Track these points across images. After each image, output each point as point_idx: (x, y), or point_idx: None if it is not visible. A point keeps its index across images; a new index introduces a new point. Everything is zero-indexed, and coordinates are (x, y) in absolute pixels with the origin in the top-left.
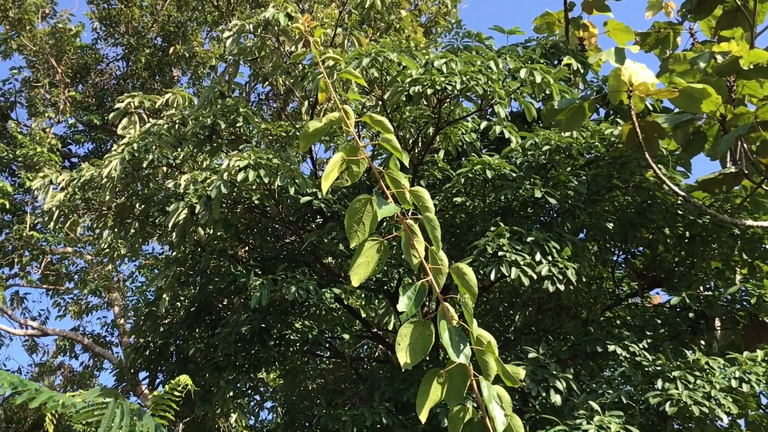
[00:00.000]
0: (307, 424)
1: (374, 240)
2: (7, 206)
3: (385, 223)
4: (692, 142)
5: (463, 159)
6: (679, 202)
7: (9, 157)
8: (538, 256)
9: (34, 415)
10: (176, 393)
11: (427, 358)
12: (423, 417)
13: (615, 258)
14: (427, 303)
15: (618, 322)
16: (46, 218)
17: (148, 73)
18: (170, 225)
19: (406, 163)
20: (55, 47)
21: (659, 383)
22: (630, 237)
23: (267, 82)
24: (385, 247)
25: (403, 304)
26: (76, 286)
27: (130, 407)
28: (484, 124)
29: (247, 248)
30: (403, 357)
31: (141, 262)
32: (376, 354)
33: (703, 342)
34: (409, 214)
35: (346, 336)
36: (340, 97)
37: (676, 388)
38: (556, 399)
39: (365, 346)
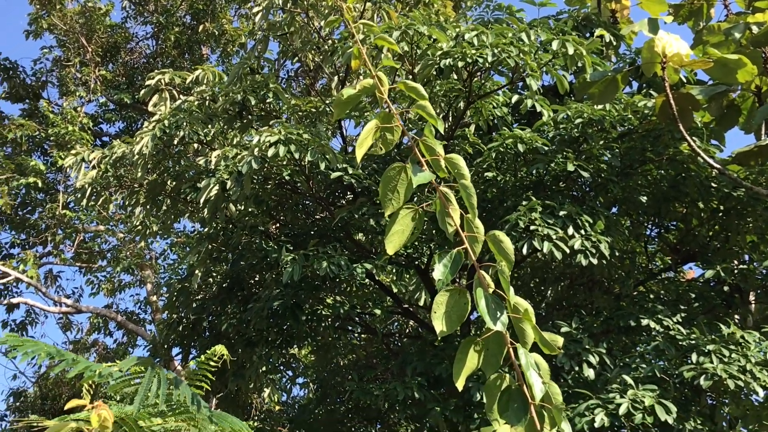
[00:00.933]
0: (339, 399)
1: (409, 208)
2: (40, 185)
3: (418, 193)
4: (726, 115)
5: (493, 133)
6: (713, 175)
7: (41, 136)
8: (570, 230)
9: (69, 391)
10: (212, 363)
11: (458, 332)
12: (460, 385)
13: (648, 232)
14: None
15: (651, 296)
16: (79, 195)
17: (178, 52)
18: (202, 201)
19: (441, 129)
20: (85, 26)
21: (694, 357)
22: (663, 211)
23: (296, 58)
24: (420, 215)
25: (439, 271)
26: (109, 264)
27: (167, 377)
28: (515, 97)
29: (277, 224)
30: (439, 325)
31: (173, 240)
32: (407, 330)
33: (737, 316)
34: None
35: (378, 311)
36: (374, 63)
37: (711, 362)
38: (589, 373)
39: (396, 323)
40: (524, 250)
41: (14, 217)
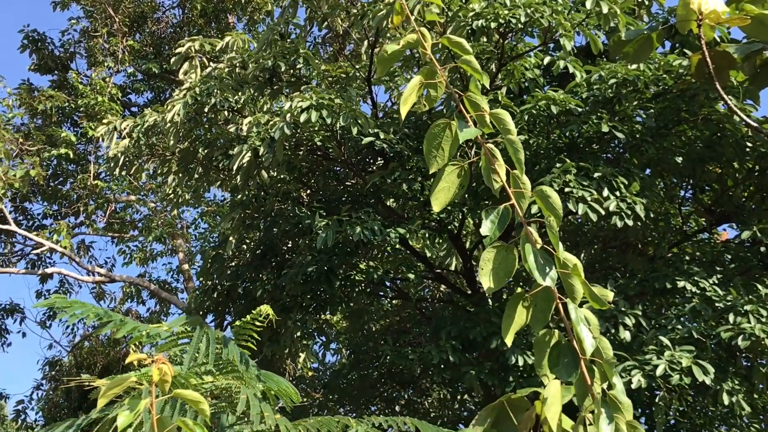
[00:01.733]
0: (372, 364)
1: (455, 165)
2: (71, 156)
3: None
4: (760, 74)
5: (525, 96)
6: (749, 134)
7: (70, 108)
8: (605, 192)
9: (103, 360)
10: (257, 323)
11: (490, 297)
12: (509, 341)
13: (682, 193)
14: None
15: (686, 258)
16: (112, 164)
17: (204, 21)
18: (234, 168)
19: (486, 84)
20: None
21: (731, 317)
22: (698, 172)
23: (325, 24)
24: (466, 171)
25: (486, 228)
26: (141, 233)
27: (215, 336)
28: (547, 59)
29: (309, 191)
30: (487, 281)
31: (203, 209)
32: (438, 295)
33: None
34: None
35: (412, 275)
36: (417, 19)
37: (749, 322)
38: (625, 335)
39: (427, 288)
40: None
41: (46, 189)
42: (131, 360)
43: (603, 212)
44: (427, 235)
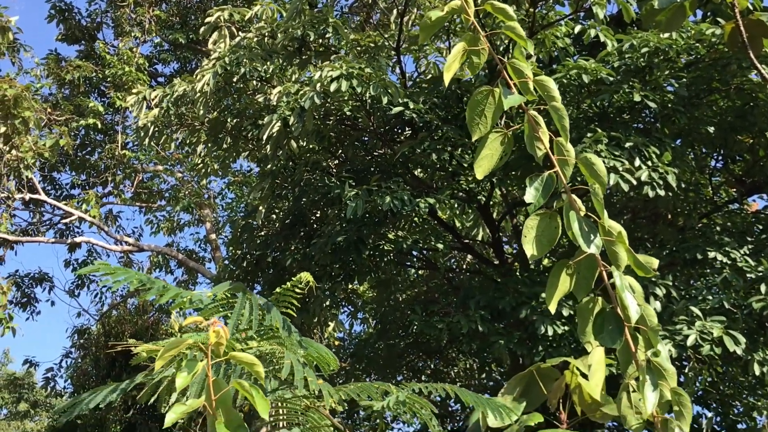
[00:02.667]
0: (399, 333)
1: (498, 132)
2: (99, 126)
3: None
4: None
5: (555, 65)
6: None
7: (98, 78)
8: (637, 162)
9: (131, 329)
10: (297, 290)
11: (517, 266)
12: (552, 308)
13: (713, 164)
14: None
15: (717, 228)
16: (141, 134)
17: None
18: (264, 138)
19: (531, 50)
20: None
21: (763, 288)
22: (730, 142)
23: None
24: (510, 139)
25: (530, 195)
26: (168, 203)
27: (257, 302)
28: (578, 27)
29: (337, 161)
30: (530, 249)
31: (230, 179)
32: (464, 265)
33: None
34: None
35: (440, 245)
36: None
37: None
38: (656, 305)
39: (453, 259)
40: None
41: (74, 159)
42: (188, 323)
43: (635, 182)
44: (456, 205)
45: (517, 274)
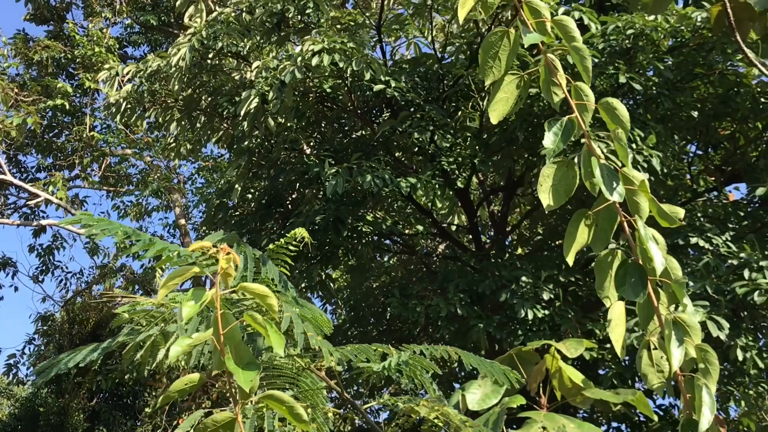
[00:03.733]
0: (374, 320)
1: (514, 74)
2: (67, 107)
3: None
4: (764, 37)
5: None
6: (766, 90)
7: (67, 58)
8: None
9: (96, 316)
10: (291, 247)
11: (491, 251)
12: (570, 260)
13: (692, 150)
14: None
15: (698, 214)
16: (113, 110)
17: None
18: (242, 113)
19: None
20: None
21: (746, 273)
22: (711, 129)
23: None
24: (526, 82)
25: (549, 140)
26: (137, 187)
27: (253, 254)
28: (561, 9)
29: (315, 141)
30: (546, 198)
31: (201, 164)
32: (439, 251)
33: None
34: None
35: (420, 227)
36: None
37: (764, 278)
38: None
39: (428, 245)
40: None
41: (41, 140)
42: (194, 248)
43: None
44: (437, 187)
45: (493, 260)
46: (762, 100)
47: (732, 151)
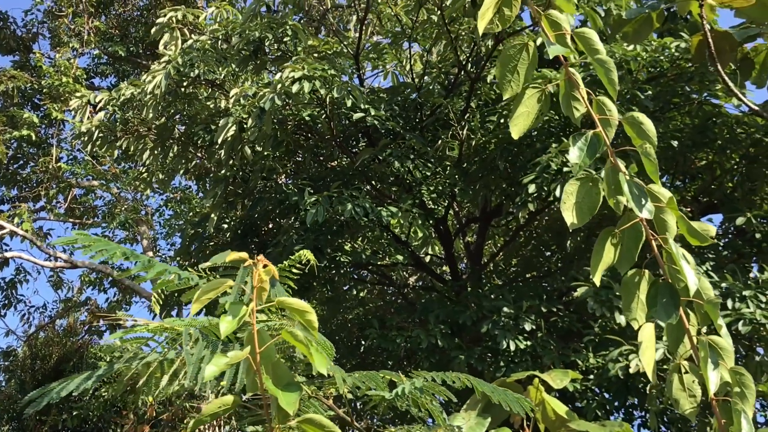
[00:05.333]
0: (351, 353)
1: (536, 87)
2: (33, 138)
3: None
4: (740, 68)
5: None
6: (745, 120)
7: (33, 89)
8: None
9: (59, 351)
10: (294, 270)
11: (469, 285)
12: (597, 280)
13: (670, 183)
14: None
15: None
16: (85, 139)
17: (173, 4)
18: (219, 141)
19: None
20: None
21: (729, 303)
22: (688, 159)
23: (302, 7)
24: (547, 96)
25: (575, 155)
26: (104, 219)
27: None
28: (540, 40)
29: (290, 171)
30: (570, 217)
31: (169, 195)
32: (415, 282)
33: (764, 265)
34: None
35: (400, 257)
36: None
37: (748, 308)
38: (621, 320)
39: (404, 275)
40: (558, 192)
41: (6, 172)
42: (232, 258)
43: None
44: (417, 215)
45: (470, 291)
46: (739, 130)
47: (709, 181)
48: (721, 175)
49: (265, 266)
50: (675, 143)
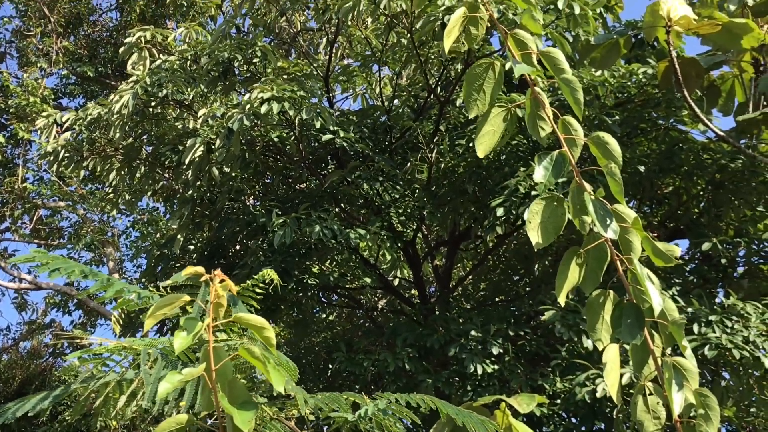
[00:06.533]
0: (316, 377)
1: (501, 107)
2: None
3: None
4: (707, 95)
5: None
6: (711, 146)
7: None
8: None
9: (23, 374)
10: (258, 290)
11: (437, 309)
12: (562, 300)
13: (636, 208)
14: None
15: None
16: (51, 159)
17: (142, 25)
18: (186, 162)
19: (541, 19)
20: None
21: (695, 328)
22: (655, 184)
23: (283, 18)
24: (513, 115)
25: (540, 174)
26: (70, 240)
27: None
28: (508, 64)
29: (257, 192)
30: (535, 236)
31: (135, 217)
32: (383, 305)
33: (730, 290)
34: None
35: (368, 280)
36: (383, 12)
37: (714, 332)
38: (588, 344)
39: (372, 298)
40: (525, 216)
41: None
42: (187, 273)
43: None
44: (386, 237)
45: (438, 315)
46: (705, 156)
47: (675, 207)
48: (688, 200)
49: (222, 281)
50: (642, 168)
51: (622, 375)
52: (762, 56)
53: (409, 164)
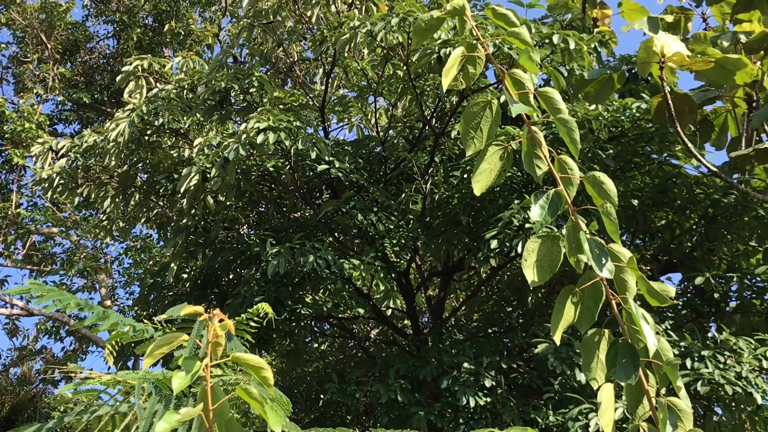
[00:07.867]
0: (309, 407)
1: (498, 145)
2: None
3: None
4: (699, 130)
5: None
6: (705, 181)
7: None
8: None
9: (12, 400)
10: (252, 324)
11: (430, 340)
12: (557, 338)
13: (629, 240)
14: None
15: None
16: (45, 185)
17: (139, 53)
18: (181, 190)
19: (538, 59)
20: (44, 23)
21: (688, 363)
22: (649, 218)
23: (280, 49)
24: (509, 153)
25: (536, 213)
26: (62, 266)
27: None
28: (503, 98)
29: (252, 221)
30: (530, 275)
31: (129, 244)
32: (376, 336)
33: (723, 325)
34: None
35: (362, 310)
36: (379, 45)
37: (707, 368)
38: (581, 377)
39: (365, 329)
40: (519, 248)
41: None
42: (187, 312)
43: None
44: (380, 268)
45: (431, 346)
46: (698, 191)
47: (668, 240)
48: (681, 234)
49: (220, 321)
50: (635, 202)
51: (615, 409)
52: (755, 92)
53: (403, 195)
